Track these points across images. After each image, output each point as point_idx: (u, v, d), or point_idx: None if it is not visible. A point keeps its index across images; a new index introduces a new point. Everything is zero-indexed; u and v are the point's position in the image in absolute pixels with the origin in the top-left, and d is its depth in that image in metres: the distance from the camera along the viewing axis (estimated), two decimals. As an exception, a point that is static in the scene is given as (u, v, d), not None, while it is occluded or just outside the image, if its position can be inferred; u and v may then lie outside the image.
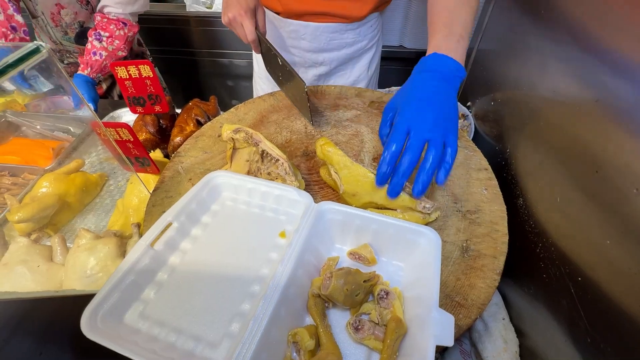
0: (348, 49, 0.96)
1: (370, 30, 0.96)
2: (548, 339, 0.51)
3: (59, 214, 0.75)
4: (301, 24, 0.89)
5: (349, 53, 0.97)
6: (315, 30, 0.90)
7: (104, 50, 1.13)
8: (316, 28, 0.89)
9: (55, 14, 1.20)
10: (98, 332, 0.38)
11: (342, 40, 0.93)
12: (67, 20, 1.23)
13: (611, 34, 0.43)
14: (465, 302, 0.50)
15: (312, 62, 0.97)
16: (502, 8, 0.76)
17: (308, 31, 0.90)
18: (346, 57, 0.97)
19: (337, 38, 0.92)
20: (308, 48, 0.93)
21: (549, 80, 0.56)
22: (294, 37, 0.92)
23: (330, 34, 0.91)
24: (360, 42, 0.96)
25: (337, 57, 0.96)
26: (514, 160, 0.66)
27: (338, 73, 1.02)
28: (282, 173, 0.59)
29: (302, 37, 0.91)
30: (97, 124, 0.60)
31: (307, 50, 0.94)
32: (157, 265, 0.49)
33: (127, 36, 1.16)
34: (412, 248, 0.49)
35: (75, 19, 1.24)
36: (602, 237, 0.42)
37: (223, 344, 0.41)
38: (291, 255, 0.46)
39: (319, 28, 0.89)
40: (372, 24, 0.95)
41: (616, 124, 0.42)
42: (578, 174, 0.48)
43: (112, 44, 1.14)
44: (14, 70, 0.38)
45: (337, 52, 0.96)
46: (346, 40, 0.93)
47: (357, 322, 0.44)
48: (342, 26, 0.90)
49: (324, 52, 0.95)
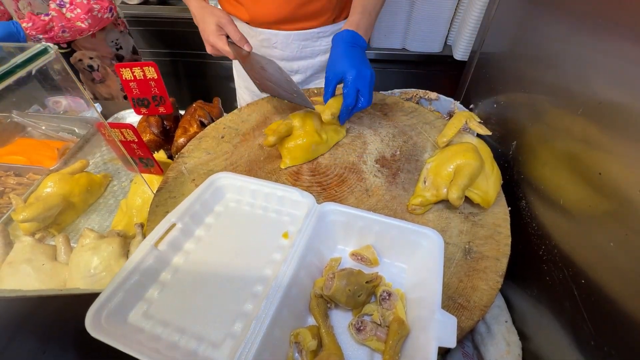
0: (322, 56, 0.95)
1: None
2: (551, 342, 0.51)
3: (63, 213, 0.76)
4: (271, 33, 0.88)
5: (324, 60, 0.95)
6: (286, 38, 0.89)
7: (56, 13, 1.05)
8: (286, 36, 0.88)
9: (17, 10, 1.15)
10: (102, 331, 0.39)
11: (315, 48, 0.92)
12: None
13: (615, 36, 0.44)
14: (467, 304, 0.50)
15: (287, 71, 0.95)
16: (504, 11, 0.76)
17: (279, 39, 0.89)
18: (321, 65, 0.96)
19: (310, 45, 0.91)
20: (281, 57, 0.92)
21: (552, 82, 0.56)
22: (266, 46, 0.91)
23: (302, 42, 0.90)
24: None
25: (312, 65, 0.95)
26: (517, 162, 0.66)
27: (315, 81, 1.00)
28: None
29: (274, 46, 0.90)
30: (103, 125, 0.60)
31: (280, 59, 0.93)
32: (161, 265, 0.49)
33: (90, 7, 1.09)
34: (415, 249, 0.49)
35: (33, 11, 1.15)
36: (606, 239, 0.42)
37: (225, 344, 0.41)
38: (294, 256, 0.46)
39: (290, 36, 0.88)
40: None
41: (620, 126, 0.41)
42: (581, 176, 0.48)
43: (72, 11, 1.07)
44: (22, 70, 0.39)
45: (312, 60, 0.94)
46: (320, 48, 0.93)
47: (359, 322, 0.44)
48: (313, 33, 0.89)
49: (297, 60, 0.94)
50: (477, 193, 0.59)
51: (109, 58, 1.39)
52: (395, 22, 1.47)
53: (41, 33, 1.08)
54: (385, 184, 0.66)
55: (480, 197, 0.59)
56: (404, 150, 0.73)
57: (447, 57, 1.55)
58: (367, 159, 0.71)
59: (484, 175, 0.61)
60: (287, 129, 0.67)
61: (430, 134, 0.77)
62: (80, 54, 1.33)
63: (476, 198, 0.59)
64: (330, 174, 0.68)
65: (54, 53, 0.40)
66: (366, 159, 0.71)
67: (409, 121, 0.80)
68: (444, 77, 1.61)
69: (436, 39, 1.51)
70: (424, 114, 0.81)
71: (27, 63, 0.39)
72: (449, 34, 1.54)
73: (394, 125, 0.79)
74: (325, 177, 0.68)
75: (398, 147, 0.74)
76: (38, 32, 1.07)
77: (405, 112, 0.82)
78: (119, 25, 1.40)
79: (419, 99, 0.90)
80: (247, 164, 0.71)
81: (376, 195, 0.64)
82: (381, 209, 0.62)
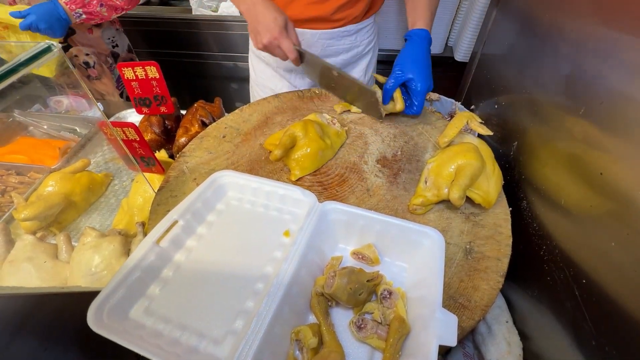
0: (345, 55, 0.96)
1: (366, 35, 0.96)
2: (552, 342, 0.51)
3: (64, 212, 0.76)
4: (297, 31, 0.87)
5: (346, 59, 0.97)
6: (312, 37, 0.90)
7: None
8: (312, 35, 0.90)
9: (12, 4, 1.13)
10: (104, 327, 0.39)
11: (338, 47, 0.94)
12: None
13: (616, 37, 0.44)
14: (468, 304, 0.50)
15: None
16: (505, 13, 0.76)
17: (305, 38, 0.90)
18: (343, 63, 0.98)
19: (334, 44, 0.93)
20: None
21: (553, 82, 0.57)
22: None
23: (327, 41, 0.91)
24: (357, 47, 0.96)
25: (334, 63, 0.95)
26: (518, 162, 0.66)
27: None
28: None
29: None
30: (105, 123, 0.61)
31: None
32: (163, 262, 0.49)
33: None
34: (416, 248, 0.50)
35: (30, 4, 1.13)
36: (607, 239, 0.42)
37: (227, 341, 0.41)
38: (295, 254, 0.46)
39: (315, 35, 0.90)
40: (367, 29, 0.95)
41: (622, 125, 0.42)
42: (582, 176, 0.48)
43: None
44: (26, 68, 0.39)
45: (334, 59, 0.96)
46: (343, 47, 0.94)
47: (360, 321, 0.44)
48: (338, 32, 0.90)
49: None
50: (478, 193, 0.59)
51: (105, 55, 1.39)
52: (396, 23, 1.48)
53: (80, 7, 1.07)
54: (387, 184, 0.66)
55: (481, 197, 0.59)
56: (405, 150, 0.73)
57: (448, 58, 1.55)
58: (368, 159, 0.72)
59: (485, 176, 0.61)
60: (291, 140, 0.66)
61: (432, 134, 0.77)
62: (76, 50, 1.31)
63: (477, 198, 0.59)
64: (332, 174, 0.69)
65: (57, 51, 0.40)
66: (367, 159, 0.72)
67: (410, 122, 0.80)
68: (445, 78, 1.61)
69: (437, 40, 1.51)
70: (425, 114, 0.81)
71: (31, 61, 0.39)
72: (450, 36, 1.55)
73: (395, 125, 0.79)
74: (326, 177, 0.68)
75: (399, 147, 0.74)
76: (77, 6, 1.06)
77: (407, 112, 0.82)
78: (115, 23, 1.40)
79: (420, 99, 0.90)
80: (249, 163, 0.71)
81: (377, 195, 0.64)
82: (382, 209, 0.62)
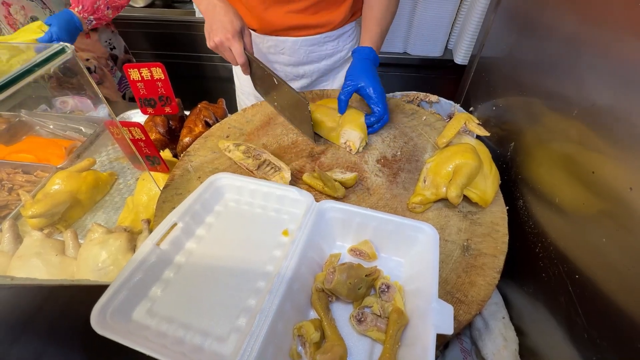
0: (328, 60, 0.97)
1: (348, 40, 0.97)
2: (547, 337, 0.52)
3: (70, 210, 0.77)
4: (279, 39, 0.90)
5: (329, 64, 0.98)
6: (294, 44, 0.91)
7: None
8: (294, 42, 0.90)
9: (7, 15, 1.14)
10: (108, 328, 0.39)
11: (321, 52, 0.94)
12: (21, 21, 1.16)
13: (608, 40, 0.45)
14: (465, 299, 0.51)
15: (293, 76, 0.98)
16: (504, 15, 0.78)
17: (286, 46, 0.91)
18: (327, 68, 0.98)
19: (316, 50, 0.93)
20: (288, 62, 0.94)
21: (548, 85, 0.58)
22: (273, 52, 0.93)
23: (309, 47, 0.92)
24: (339, 52, 0.97)
25: (318, 69, 0.97)
26: (515, 163, 0.67)
27: (320, 84, 1.03)
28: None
29: (281, 52, 0.92)
30: (112, 123, 0.62)
31: (287, 64, 0.95)
32: (164, 263, 0.50)
33: None
34: (411, 244, 0.51)
35: (27, 15, 1.17)
36: (598, 235, 0.43)
37: (231, 338, 0.42)
38: (294, 252, 0.47)
39: (297, 42, 0.90)
40: (349, 33, 0.96)
41: (612, 125, 0.43)
42: (575, 175, 0.49)
43: None
44: (40, 69, 0.40)
45: (317, 64, 0.97)
46: (325, 52, 0.95)
47: (360, 314, 0.45)
48: (320, 38, 0.91)
49: (304, 65, 0.96)
50: (476, 192, 0.61)
51: (104, 58, 1.40)
52: (397, 26, 1.50)
53: (91, 14, 1.09)
54: (386, 183, 0.68)
55: (478, 196, 0.61)
56: (405, 151, 0.75)
57: (448, 61, 1.57)
58: (369, 158, 0.73)
59: (483, 175, 0.62)
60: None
61: (431, 135, 0.78)
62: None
63: (475, 197, 0.61)
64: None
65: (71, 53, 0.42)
66: (367, 158, 0.73)
67: (410, 123, 0.81)
68: (444, 80, 1.63)
69: (437, 44, 1.53)
70: (424, 116, 0.83)
71: (46, 62, 0.41)
72: (450, 39, 1.57)
73: (395, 126, 0.80)
74: (327, 176, 0.69)
75: (399, 147, 0.75)
76: (89, 13, 1.09)
77: (407, 114, 0.84)
78: (110, 26, 1.41)
79: (420, 101, 0.92)
80: (251, 162, 0.73)
81: (377, 194, 0.66)
82: (382, 207, 0.63)
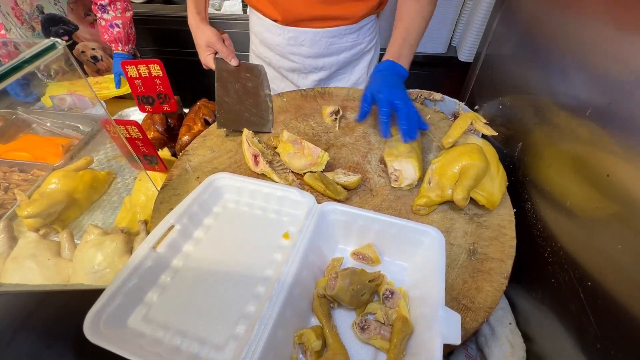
0: (347, 53, 0.96)
1: (368, 33, 0.96)
2: (556, 345, 0.50)
3: (67, 210, 0.76)
4: (300, 31, 0.89)
5: (348, 56, 0.97)
6: (315, 35, 0.90)
7: (116, 19, 1.11)
8: (315, 33, 0.90)
9: (15, 6, 1.15)
10: (102, 336, 0.38)
11: (341, 45, 0.94)
12: (27, 11, 1.17)
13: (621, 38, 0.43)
14: (472, 305, 0.49)
15: (312, 68, 0.98)
16: (510, 13, 0.76)
17: (307, 37, 0.90)
18: (345, 61, 0.98)
19: (336, 42, 0.93)
20: (308, 54, 0.94)
21: (558, 83, 0.56)
22: (293, 44, 0.93)
23: (330, 39, 0.91)
24: (359, 45, 0.96)
25: (337, 61, 0.97)
26: (522, 163, 0.65)
27: (338, 77, 1.02)
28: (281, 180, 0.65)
29: (302, 44, 0.92)
30: (108, 121, 0.60)
31: (306, 56, 0.95)
32: (160, 268, 0.48)
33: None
34: (416, 247, 0.49)
35: (32, 4, 1.18)
36: (613, 241, 0.42)
37: (229, 346, 0.40)
38: (295, 256, 0.45)
39: (318, 33, 0.90)
40: (369, 26, 0.95)
41: (631, 125, 0.41)
42: (588, 177, 0.47)
43: (117, 9, 1.12)
44: (30, 66, 0.39)
45: (337, 57, 0.96)
46: (345, 44, 0.94)
47: (363, 322, 0.43)
48: (341, 30, 0.90)
49: (323, 57, 0.95)
50: (482, 194, 0.59)
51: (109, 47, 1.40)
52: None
53: (127, 43, 1.18)
54: (390, 184, 0.66)
55: (485, 198, 0.59)
56: (409, 150, 0.73)
57: (452, 58, 1.54)
58: (372, 159, 0.71)
59: (489, 177, 0.60)
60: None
61: (435, 135, 0.76)
62: (82, 46, 1.32)
63: (481, 199, 0.59)
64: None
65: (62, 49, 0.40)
66: (370, 159, 0.71)
67: (414, 121, 0.79)
68: (448, 78, 1.61)
69: (441, 40, 1.51)
70: (428, 114, 0.81)
71: (35, 58, 0.39)
72: (454, 35, 1.54)
73: (398, 125, 0.78)
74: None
75: (402, 147, 0.73)
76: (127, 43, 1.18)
77: (410, 112, 0.82)
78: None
79: (424, 99, 0.90)
80: (251, 162, 0.71)
81: (380, 195, 0.64)
82: (385, 209, 0.62)
